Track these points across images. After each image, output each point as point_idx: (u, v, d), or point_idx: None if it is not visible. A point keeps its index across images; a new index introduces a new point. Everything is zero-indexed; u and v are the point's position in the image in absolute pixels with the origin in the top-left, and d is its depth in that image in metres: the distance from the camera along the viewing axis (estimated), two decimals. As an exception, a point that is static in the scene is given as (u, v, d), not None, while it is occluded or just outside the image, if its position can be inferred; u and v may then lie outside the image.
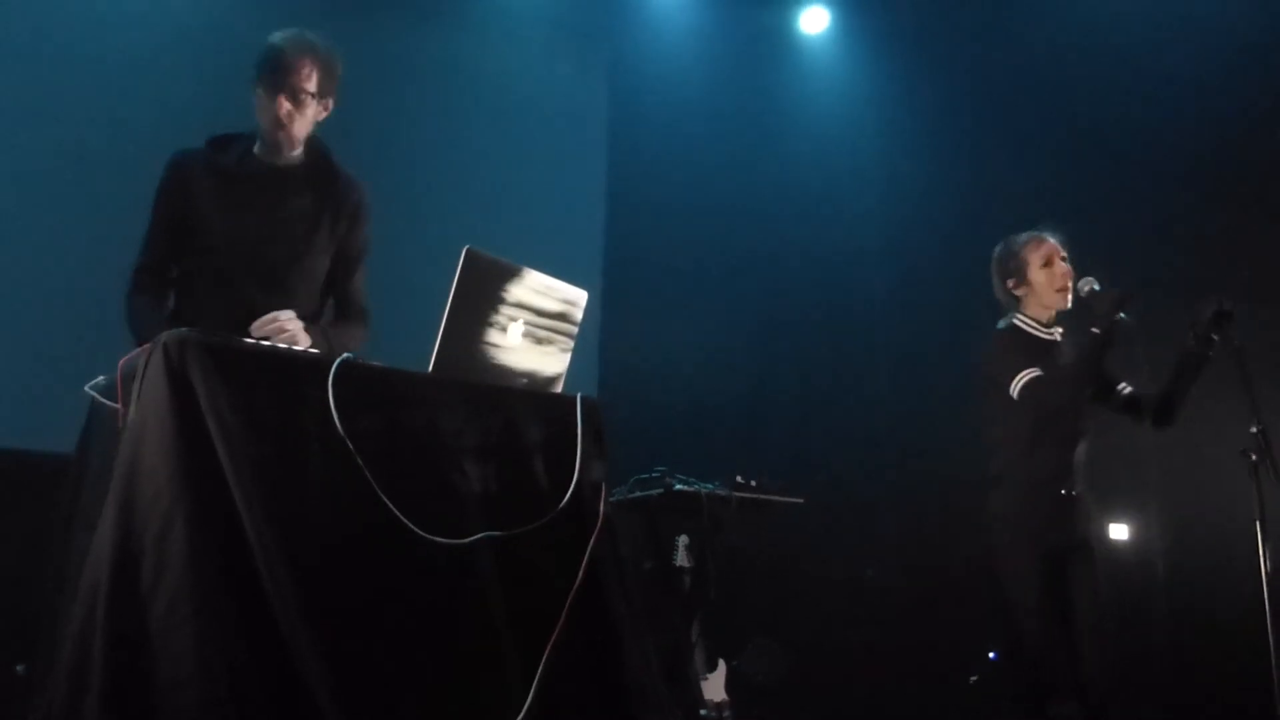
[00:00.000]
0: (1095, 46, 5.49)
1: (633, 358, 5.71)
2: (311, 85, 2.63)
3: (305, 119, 2.67)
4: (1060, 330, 3.59)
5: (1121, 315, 3.30)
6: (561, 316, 2.38)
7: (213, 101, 3.06)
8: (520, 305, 2.26)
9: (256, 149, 2.73)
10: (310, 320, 2.64)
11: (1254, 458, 3.38)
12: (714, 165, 6.31)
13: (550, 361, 2.40)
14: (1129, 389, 3.74)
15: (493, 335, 2.22)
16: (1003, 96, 5.88)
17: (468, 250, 2.11)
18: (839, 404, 6.20)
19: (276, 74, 2.60)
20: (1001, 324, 3.63)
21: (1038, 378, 3.37)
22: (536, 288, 2.30)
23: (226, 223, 2.62)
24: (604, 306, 5.29)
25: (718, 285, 6.29)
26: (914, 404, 6.03)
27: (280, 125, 2.63)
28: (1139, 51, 5.30)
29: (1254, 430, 3.37)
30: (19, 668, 3.14)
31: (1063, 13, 5.66)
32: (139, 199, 2.70)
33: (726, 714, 4.03)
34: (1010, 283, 3.63)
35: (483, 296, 2.17)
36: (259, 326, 2.38)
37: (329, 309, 2.87)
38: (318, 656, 1.78)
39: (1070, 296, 3.51)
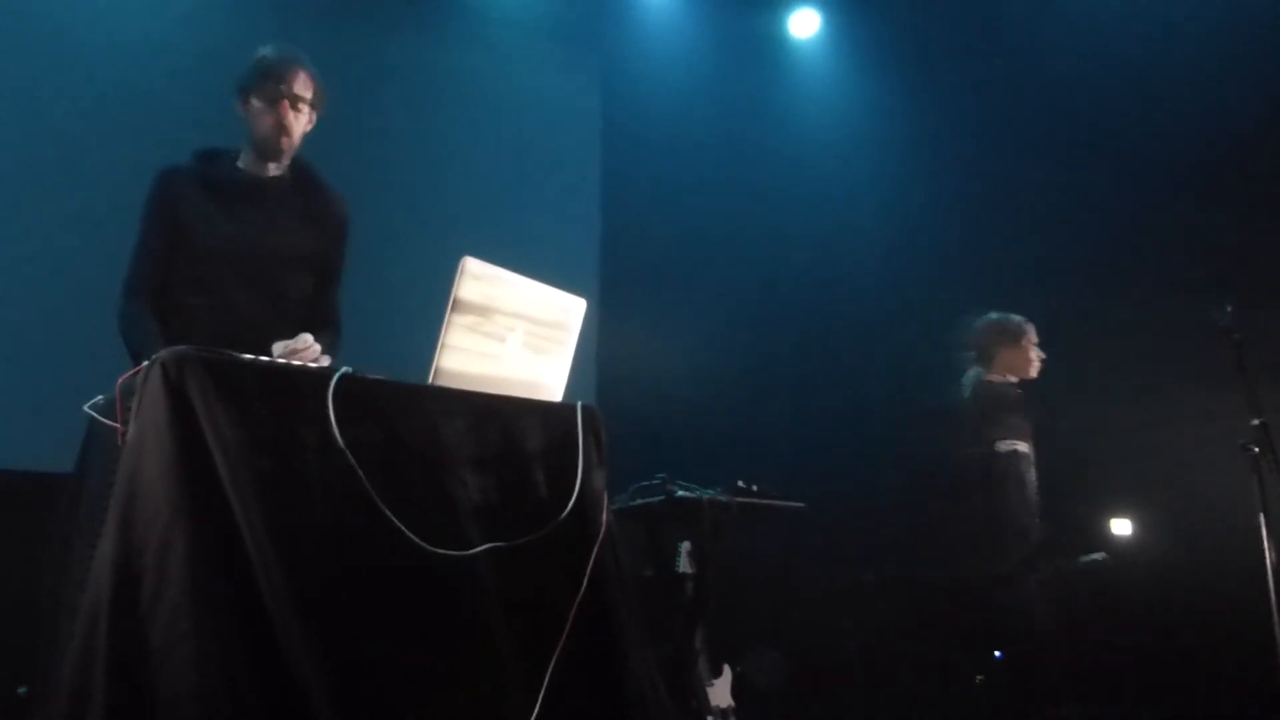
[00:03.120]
0: (1092, 48, 5.50)
1: (630, 365, 5.69)
2: (308, 93, 2.75)
3: (301, 126, 2.76)
4: None
5: None
6: (559, 325, 2.38)
7: (213, 113, 3.04)
8: (518, 314, 2.26)
9: (241, 162, 2.79)
10: (292, 331, 2.67)
11: (1256, 450, 3.39)
12: (708, 170, 6.32)
13: (549, 370, 2.39)
14: None
15: (491, 345, 2.22)
16: (997, 98, 5.88)
17: (465, 260, 2.11)
18: (838, 408, 6.19)
19: (276, 83, 2.69)
20: None
21: None
22: (534, 296, 2.30)
23: (216, 233, 2.67)
24: (600, 314, 5.28)
25: (714, 290, 6.28)
26: (913, 407, 6.02)
27: (283, 131, 2.71)
28: (1137, 53, 5.30)
29: (1255, 423, 3.38)
30: (20, 689, 3.13)
31: (1060, 14, 5.67)
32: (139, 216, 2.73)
33: (732, 720, 4.02)
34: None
35: (481, 306, 2.16)
36: (283, 351, 2.41)
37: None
38: (320, 671, 1.77)
39: None
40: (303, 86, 2.73)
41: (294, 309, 2.79)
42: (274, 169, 2.80)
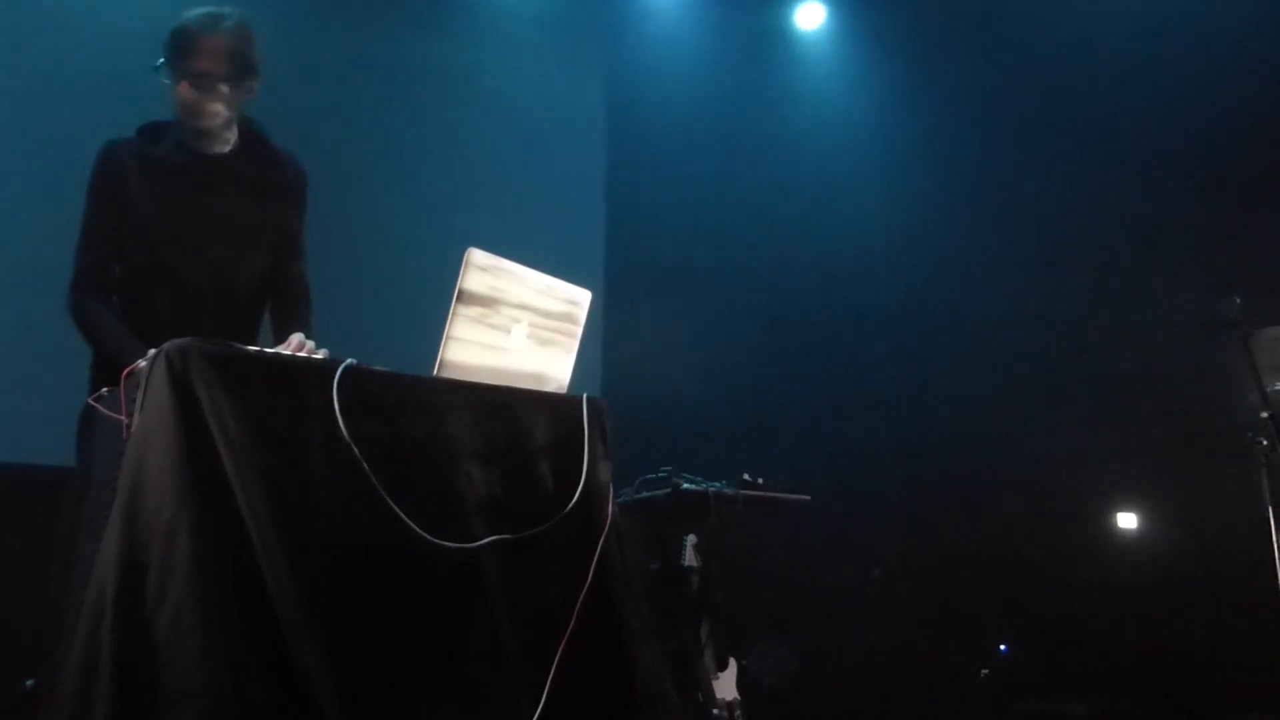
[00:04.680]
0: (1097, 42, 5.48)
1: (635, 358, 5.70)
2: (219, 68, 2.45)
3: (216, 106, 2.50)
4: None
5: None
6: (565, 317, 2.37)
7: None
8: (524, 306, 2.25)
9: (187, 137, 2.59)
10: (254, 311, 2.69)
11: (1264, 444, 3.38)
12: (713, 162, 6.31)
13: (555, 362, 2.39)
14: None
15: (497, 337, 2.21)
16: (1003, 91, 5.87)
17: (471, 251, 2.10)
18: (844, 400, 6.18)
19: (181, 58, 2.43)
20: None
21: None
22: (539, 289, 2.29)
23: (167, 217, 2.52)
24: (606, 306, 5.28)
25: (719, 283, 6.28)
26: (919, 399, 6.02)
27: (194, 114, 2.48)
28: (1144, 48, 5.29)
29: (1264, 416, 3.37)
30: (28, 682, 3.13)
31: (1063, 8, 5.65)
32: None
33: (738, 713, 4.01)
34: None
35: (486, 298, 2.15)
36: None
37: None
38: (324, 665, 1.77)
39: None
40: (210, 61, 2.43)
41: (256, 286, 2.70)
42: (220, 144, 2.59)
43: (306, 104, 2.79)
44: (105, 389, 2.13)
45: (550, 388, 2.38)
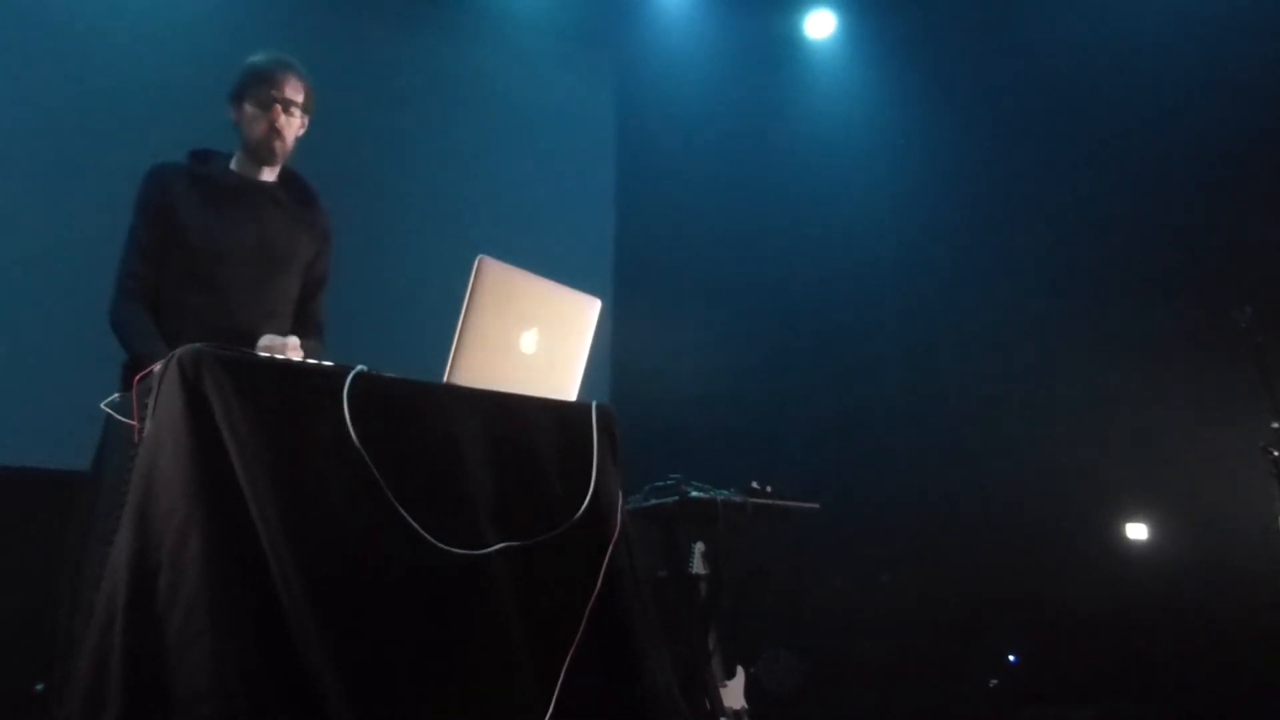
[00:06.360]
0: (1106, 51, 5.47)
1: (644, 365, 5.70)
2: (299, 97, 2.81)
3: (293, 130, 2.83)
4: None
5: None
6: (575, 324, 2.38)
7: (220, 109, 3.05)
8: (534, 314, 2.26)
9: (234, 165, 2.83)
10: (281, 330, 2.76)
11: (1275, 454, 3.37)
12: (722, 170, 6.32)
13: (564, 369, 2.39)
14: None
15: (507, 344, 2.22)
16: (1013, 99, 5.87)
17: (481, 259, 2.11)
18: (852, 408, 6.17)
19: (269, 87, 2.75)
20: None
21: None
22: (550, 296, 2.30)
23: (210, 231, 2.68)
24: (615, 313, 5.28)
25: (728, 290, 6.28)
26: (928, 408, 6.01)
27: (276, 134, 2.77)
28: (1154, 56, 5.28)
29: (1276, 426, 3.35)
30: (38, 686, 3.15)
31: (1073, 17, 5.65)
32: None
33: (745, 722, 4.01)
34: None
35: (497, 305, 2.16)
36: (267, 345, 2.45)
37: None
38: (334, 669, 1.77)
39: None
40: (294, 90, 2.78)
41: (284, 309, 2.83)
42: (267, 174, 2.84)
43: (315, 108, 2.86)
44: (117, 394, 2.15)
45: (559, 395, 2.39)
